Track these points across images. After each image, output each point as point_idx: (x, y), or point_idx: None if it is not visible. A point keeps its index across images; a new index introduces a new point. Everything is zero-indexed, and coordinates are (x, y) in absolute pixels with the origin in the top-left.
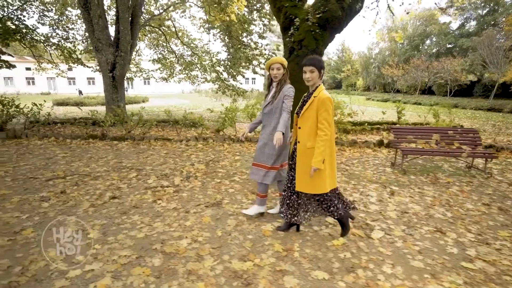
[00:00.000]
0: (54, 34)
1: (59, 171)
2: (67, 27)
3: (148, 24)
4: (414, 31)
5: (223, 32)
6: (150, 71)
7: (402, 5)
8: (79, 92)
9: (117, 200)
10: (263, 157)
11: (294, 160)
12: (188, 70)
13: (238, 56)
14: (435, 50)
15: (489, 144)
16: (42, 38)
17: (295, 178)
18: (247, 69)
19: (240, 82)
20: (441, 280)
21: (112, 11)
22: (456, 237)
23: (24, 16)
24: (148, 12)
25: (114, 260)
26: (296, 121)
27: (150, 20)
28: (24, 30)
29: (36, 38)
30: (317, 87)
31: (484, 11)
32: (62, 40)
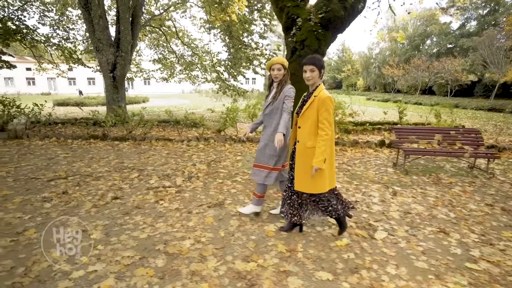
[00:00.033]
0: (54, 35)
1: (61, 171)
2: (67, 27)
3: (149, 24)
4: (414, 31)
5: (223, 32)
6: (151, 71)
7: (404, 5)
8: (79, 92)
9: (119, 201)
10: (265, 158)
11: (294, 160)
12: (189, 70)
13: (238, 56)
14: (436, 50)
15: (491, 144)
16: (43, 38)
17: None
18: (247, 69)
19: (240, 82)
20: (445, 281)
21: (112, 11)
22: (460, 237)
23: (24, 17)
24: (148, 12)
25: (117, 261)
26: (296, 120)
27: (150, 20)
28: (25, 31)
29: (37, 38)
30: (317, 86)
31: (484, 11)
32: (63, 41)
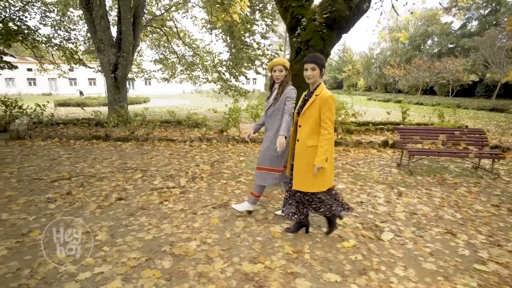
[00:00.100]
0: (56, 35)
1: (64, 172)
2: (69, 27)
3: (150, 25)
4: (415, 31)
5: (225, 32)
6: (152, 71)
7: (406, 5)
8: (80, 92)
9: (123, 202)
10: (267, 160)
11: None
12: (190, 71)
13: (240, 56)
14: (437, 50)
15: (494, 144)
16: (44, 39)
17: None
18: (249, 69)
19: (242, 83)
20: (454, 283)
21: (113, 11)
22: (467, 238)
23: (26, 17)
24: (149, 12)
25: (124, 262)
26: (296, 119)
27: (152, 20)
28: (26, 31)
29: (38, 39)
30: (318, 85)
31: (486, 11)
32: (64, 41)
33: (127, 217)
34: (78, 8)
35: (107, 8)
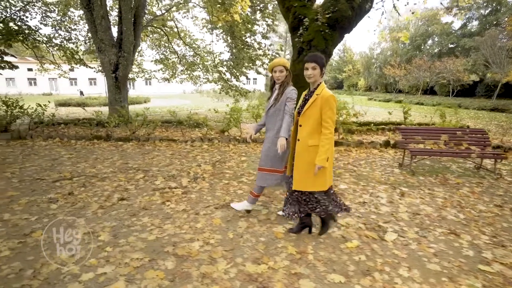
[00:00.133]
0: (56, 35)
1: (66, 172)
2: (69, 27)
3: (151, 25)
4: (416, 31)
5: (226, 32)
6: (152, 71)
7: (407, 4)
8: (80, 92)
9: (125, 202)
10: (268, 161)
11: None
12: (190, 71)
13: (241, 56)
14: (437, 50)
15: (496, 144)
16: (45, 39)
17: None
18: (250, 69)
19: (243, 83)
20: (459, 284)
21: (114, 11)
22: (471, 239)
23: (26, 17)
24: (150, 13)
25: (127, 263)
26: (297, 119)
27: (152, 20)
28: (27, 31)
29: (39, 39)
30: (318, 84)
31: (486, 11)
32: (65, 41)
33: (129, 217)
34: (79, 8)
35: (108, 8)
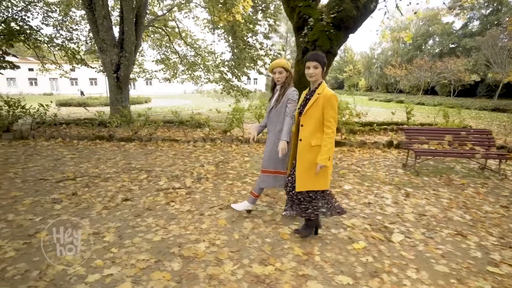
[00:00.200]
0: (58, 35)
1: (69, 172)
2: (71, 27)
3: (152, 25)
4: (417, 31)
5: (227, 32)
6: (153, 71)
7: (410, 4)
8: (81, 93)
9: (129, 202)
10: (271, 163)
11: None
12: (191, 71)
13: (243, 56)
14: (438, 50)
15: (500, 145)
16: (46, 39)
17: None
18: (251, 69)
19: (244, 83)
20: (468, 285)
21: (116, 11)
22: (478, 240)
23: (28, 17)
24: (151, 13)
25: (133, 264)
26: (298, 119)
27: (154, 20)
28: (28, 31)
29: (40, 39)
30: (319, 84)
31: (487, 11)
32: (66, 41)
33: (134, 218)
34: (81, 8)
35: (109, 8)
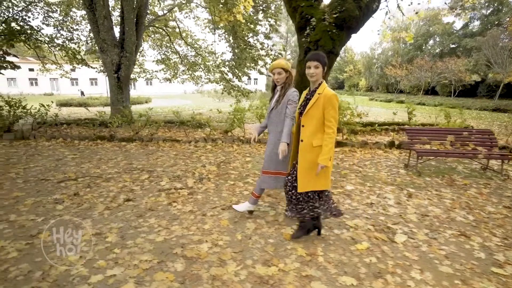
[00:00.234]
0: (58, 35)
1: (70, 172)
2: (71, 28)
3: (153, 25)
4: (417, 31)
5: (228, 32)
6: (154, 71)
7: (411, 4)
8: (81, 93)
9: (131, 203)
10: (273, 164)
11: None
12: (192, 71)
13: (243, 56)
14: (439, 50)
15: (502, 145)
16: (47, 39)
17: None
18: (252, 69)
19: (245, 83)
20: (472, 286)
21: (116, 11)
22: (482, 241)
23: (29, 17)
24: (152, 13)
25: (136, 265)
26: (299, 119)
27: (154, 21)
28: (29, 31)
29: (41, 39)
30: (320, 84)
31: (488, 11)
32: (67, 41)
33: (136, 218)
34: (81, 8)
35: (110, 8)
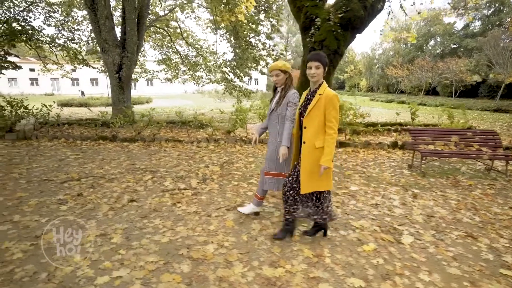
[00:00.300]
0: (59, 35)
1: (73, 173)
2: (73, 28)
3: (154, 25)
4: (418, 32)
5: (229, 32)
6: (155, 71)
7: (414, 5)
8: (81, 93)
9: (135, 203)
10: (274, 165)
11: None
12: (193, 71)
13: (245, 57)
14: (440, 51)
15: (506, 145)
16: (48, 39)
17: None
18: (254, 69)
19: (246, 83)
20: None
21: (118, 12)
22: (489, 242)
23: (30, 18)
24: (153, 13)
25: (142, 266)
26: (300, 120)
27: (155, 21)
28: (30, 31)
29: (42, 39)
30: (320, 84)
31: (489, 11)
32: (68, 41)
33: (140, 219)
34: (82, 9)
35: (111, 9)
